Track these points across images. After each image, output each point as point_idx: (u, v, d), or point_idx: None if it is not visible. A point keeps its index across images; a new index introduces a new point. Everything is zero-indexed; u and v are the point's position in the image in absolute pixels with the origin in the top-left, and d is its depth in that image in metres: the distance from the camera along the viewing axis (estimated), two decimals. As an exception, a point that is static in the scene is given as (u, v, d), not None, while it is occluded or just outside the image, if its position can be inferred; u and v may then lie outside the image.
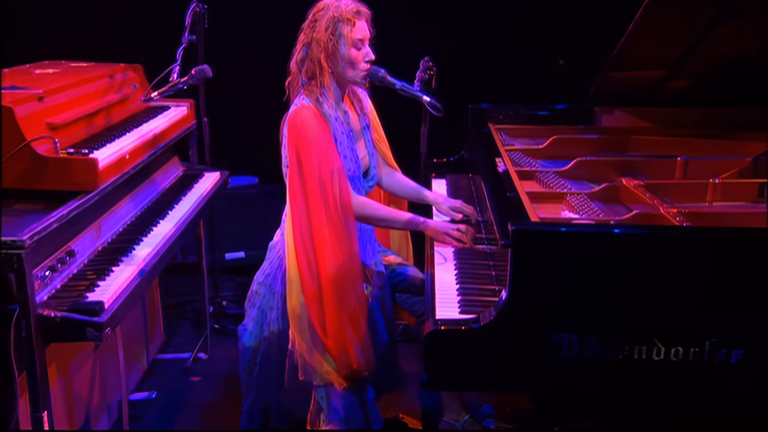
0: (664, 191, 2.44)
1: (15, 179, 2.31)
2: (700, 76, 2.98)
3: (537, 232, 1.83)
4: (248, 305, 2.82)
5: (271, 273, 2.77)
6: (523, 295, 1.84)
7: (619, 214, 2.28)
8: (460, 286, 2.26)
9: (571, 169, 2.73)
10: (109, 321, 2.08)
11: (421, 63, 3.09)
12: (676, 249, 1.81)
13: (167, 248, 2.65)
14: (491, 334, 1.85)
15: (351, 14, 2.58)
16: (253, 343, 2.79)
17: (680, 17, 2.59)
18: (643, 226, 2.06)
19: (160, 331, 3.65)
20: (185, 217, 2.95)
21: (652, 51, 2.84)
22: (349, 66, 2.59)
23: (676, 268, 1.80)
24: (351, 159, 2.69)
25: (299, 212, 2.58)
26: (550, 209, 2.41)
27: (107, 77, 3.17)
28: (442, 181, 3.39)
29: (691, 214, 2.13)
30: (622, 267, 1.82)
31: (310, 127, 2.54)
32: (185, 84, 2.79)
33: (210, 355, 3.62)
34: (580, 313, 1.84)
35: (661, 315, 1.83)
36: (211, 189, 3.37)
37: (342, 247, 2.55)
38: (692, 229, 1.97)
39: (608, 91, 3.17)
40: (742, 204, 2.38)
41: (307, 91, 2.62)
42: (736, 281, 1.80)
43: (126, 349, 3.11)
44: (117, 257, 2.43)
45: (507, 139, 3.22)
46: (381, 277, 2.81)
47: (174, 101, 3.55)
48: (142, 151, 2.86)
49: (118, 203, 2.76)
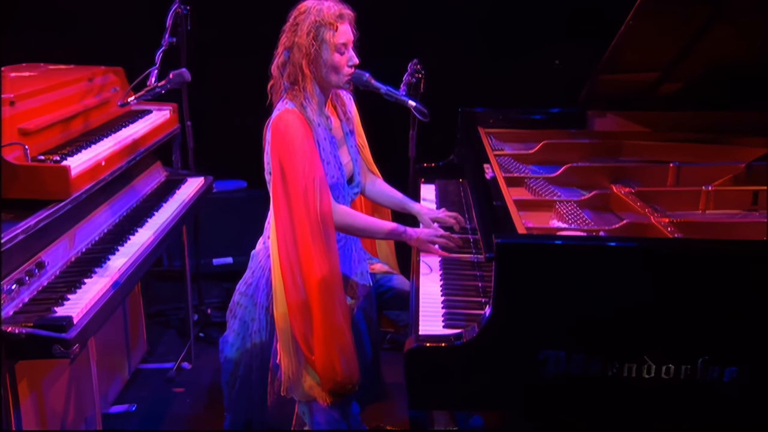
0: (656, 199, 2.36)
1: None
2: (695, 78, 2.91)
3: (522, 246, 1.75)
4: (229, 316, 2.75)
5: (253, 283, 2.70)
6: (508, 310, 1.76)
7: (609, 224, 2.20)
8: (445, 299, 2.18)
9: (561, 175, 2.65)
10: (78, 337, 1.99)
11: (408, 66, 3.02)
12: (666, 263, 1.72)
13: (144, 258, 2.56)
14: (474, 352, 1.77)
15: (333, 18, 2.49)
16: (234, 355, 2.71)
17: (673, 19, 2.52)
18: (631, 238, 1.98)
19: (143, 340, 3.56)
20: (165, 224, 2.87)
21: (645, 53, 2.77)
22: (332, 71, 2.51)
23: (667, 283, 1.72)
24: (334, 165, 2.61)
25: (283, 221, 2.51)
26: (539, 218, 2.33)
27: (86, 80, 3.08)
28: (431, 187, 3.30)
29: (683, 224, 2.05)
30: (610, 281, 1.74)
31: (295, 132, 2.46)
32: (163, 88, 2.71)
33: (194, 365, 3.54)
34: (568, 329, 1.76)
35: (651, 331, 1.75)
36: (193, 195, 3.29)
37: (325, 256, 2.47)
38: (683, 242, 1.88)
39: (600, 94, 3.10)
40: (736, 213, 2.31)
41: (291, 95, 2.54)
42: (730, 296, 1.72)
43: (106, 360, 3.03)
44: (90, 269, 2.35)
45: (497, 143, 3.14)
46: (366, 287, 2.73)
47: (156, 105, 3.47)
48: (120, 157, 2.78)
49: (94, 211, 2.68)
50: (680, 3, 2.42)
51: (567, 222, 2.24)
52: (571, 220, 2.24)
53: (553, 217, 2.33)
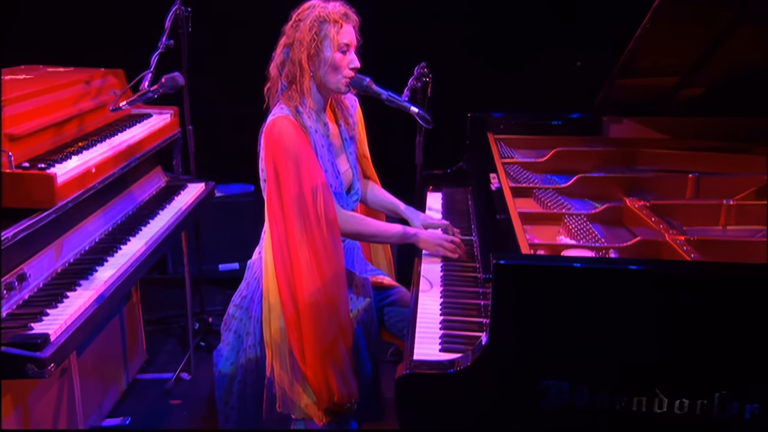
0: (673, 213, 2.21)
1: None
2: (717, 83, 2.74)
3: (522, 267, 1.61)
4: (224, 329, 2.64)
5: (248, 295, 2.59)
6: (506, 337, 1.62)
7: (621, 240, 2.05)
8: (444, 318, 2.05)
9: (572, 185, 2.51)
10: (55, 356, 1.89)
11: (415, 69, 2.89)
12: (678, 288, 1.58)
13: (134, 269, 2.46)
14: (468, 381, 1.64)
15: (338, 16, 2.39)
16: (229, 370, 2.60)
17: (693, 22, 2.36)
18: (641, 261, 1.83)
19: (142, 349, 3.47)
20: (159, 233, 2.77)
21: (664, 57, 2.62)
22: (331, 70, 2.40)
23: (680, 310, 1.58)
24: (332, 174, 2.50)
25: (278, 231, 2.40)
26: (546, 233, 2.20)
27: (83, 83, 2.99)
28: (438, 195, 3.17)
29: (700, 243, 1.90)
30: (618, 307, 1.59)
31: (289, 139, 2.35)
32: (155, 93, 2.61)
33: (193, 376, 3.44)
34: (571, 358, 1.62)
35: (662, 362, 1.60)
36: (193, 201, 3.19)
37: (322, 269, 2.37)
38: (697, 265, 1.73)
39: (616, 99, 2.94)
40: (760, 229, 2.14)
41: (286, 98, 2.43)
42: (749, 325, 1.57)
43: (100, 371, 2.94)
44: (75, 281, 2.25)
45: (507, 150, 3.00)
46: (368, 299, 2.61)
47: (157, 108, 3.38)
48: (114, 164, 2.69)
49: (85, 219, 2.59)
50: (699, 6, 2.27)
51: (575, 238, 2.10)
52: (579, 235, 2.10)
53: (560, 232, 2.19)
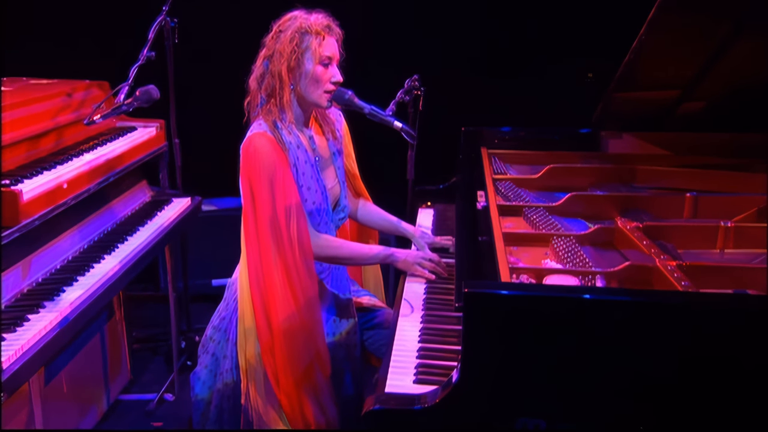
0: (667, 234, 2.09)
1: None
2: (718, 98, 2.62)
3: (495, 297, 1.49)
4: (201, 351, 2.55)
5: (227, 317, 2.50)
6: (478, 372, 1.50)
7: (611, 264, 1.93)
8: (422, 346, 1.94)
9: (564, 204, 2.39)
10: (7, 384, 1.79)
11: (405, 82, 2.79)
12: (665, 321, 1.45)
13: (106, 289, 2.37)
14: (436, 419, 1.52)
15: (321, 28, 2.30)
16: (206, 394, 2.51)
17: (690, 34, 2.25)
18: (624, 291, 1.71)
19: (126, 368, 3.37)
20: (137, 251, 2.67)
21: (662, 70, 2.51)
22: (312, 84, 2.30)
23: (666, 345, 1.45)
24: (316, 190, 2.39)
25: (253, 252, 2.31)
26: (534, 255, 2.08)
27: (64, 95, 2.92)
28: (430, 212, 3.06)
29: (693, 269, 1.77)
30: (598, 341, 1.47)
31: (265, 157, 2.26)
32: (129, 106, 2.52)
33: (177, 397, 3.33)
34: (548, 394, 1.50)
35: (647, 401, 1.48)
36: (177, 217, 3.10)
37: (296, 294, 2.27)
38: (686, 296, 1.59)
39: (615, 113, 2.82)
40: (760, 253, 2.01)
41: (265, 112, 2.34)
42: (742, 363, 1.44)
43: (78, 392, 2.85)
44: (39, 303, 2.15)
45: (500, 165, 2.88)
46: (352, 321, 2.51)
47: (143, 121, 3.31)
48: (89, 179, 2.60)
49: (58, 237, 2.50)
50: (696, 18, 2.15)
51: (562, 261, 1.98)
52: (566, 259, 1.98)
53: (548, 255, 2.07)
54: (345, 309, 2.52)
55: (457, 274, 1.80)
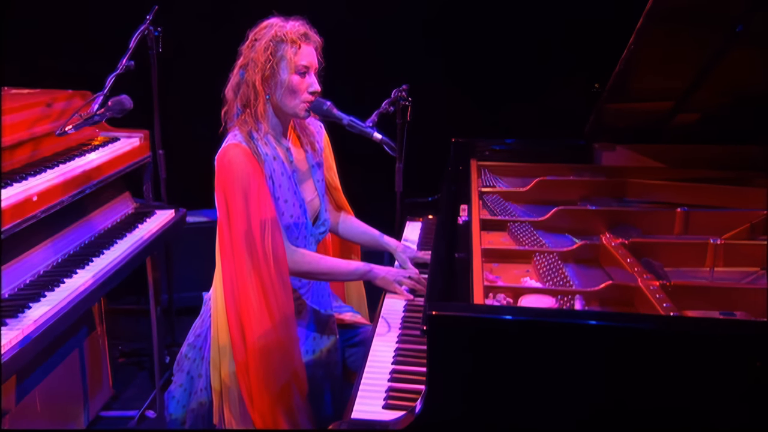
0: (655, 252, 1.99)
1: None
2: (714, 109, 2.53)
3: (461, 320, 1.40)
4: (176, 369, 2.47)
5: (202, 334, 2.43)
6: (442, 400, 1.41)
7: (594, 283, 1.83)
8: (395, 368, 1.85)
9: (550, 219, 2.30)
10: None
11: (393, 92, 2.70)
12: (641, 348, 1.36)
13: (75, 305, 2.28)
14: (398, 451, 1.43)
15: (297, 36, 2.22)
16: (180, 414, 2.43)
17: (681, 44, 2.17)
18: (601, 314, 1.62)
19: (108, 384, 3.29)
20: (112, 264, 2.59)
21: (654, 81, 2.43)
22: (288, 94, 2.22)
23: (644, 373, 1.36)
24: (294, 203, 2.31)
25: (228, 267, 2.24)
26: (515, 273, 1.99)
27: (43, 105, 2.85)
28: (417, 225, 2.98)
29: (678, 289, 1.68)
30: (571, 369, 1.38)
31: (239, 169, 2.18)
32: (102, 117, 2.45)
33: (159, 414, 3.24)
34: (520, 425, 1.41)
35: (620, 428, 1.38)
36: (159, 229, 3.02)
37: (272, 311, 2.19)
38: (665, 321, 1.49)
39: (608, 125, 2.73)
40: (751, 272, 1.91)
41: (240, 122, 2.27)
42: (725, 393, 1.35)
43: (53, 409, 2.76)
44: (0, 320, 2.07)
45: (490, 178, 2.80)
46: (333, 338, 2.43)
47: (126, 132, 3.24)
48: (63, 191, 2.53)
49: (29, 251, 2.42)
50: (686, 28, 2.06)
51: (542, 280, 1.89)
52: (547, 277, 1.89)
53: (528, 272, 1.98)
54: (325, 325, 2.44)
55: (427, 295, 1.71)
